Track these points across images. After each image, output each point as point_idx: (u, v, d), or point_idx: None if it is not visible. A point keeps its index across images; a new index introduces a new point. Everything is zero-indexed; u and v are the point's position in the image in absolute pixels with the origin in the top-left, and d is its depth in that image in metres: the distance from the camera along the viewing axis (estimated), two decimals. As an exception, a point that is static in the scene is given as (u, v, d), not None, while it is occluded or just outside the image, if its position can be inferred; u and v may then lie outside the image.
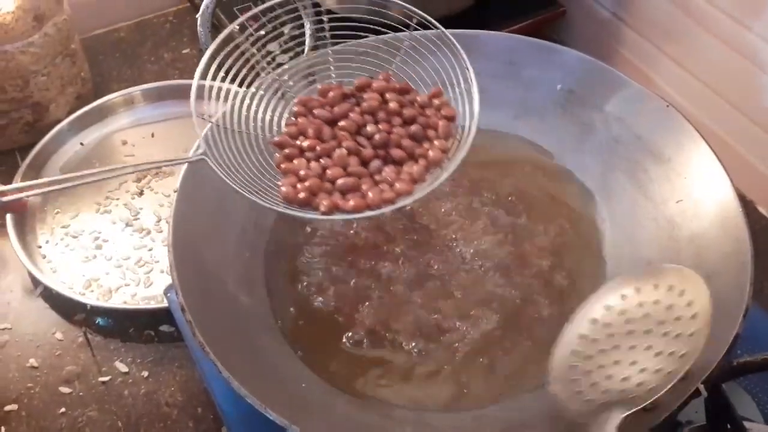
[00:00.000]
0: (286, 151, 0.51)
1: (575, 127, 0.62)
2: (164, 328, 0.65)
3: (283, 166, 0.51)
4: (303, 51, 0.63)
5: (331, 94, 0.53)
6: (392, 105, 0.52)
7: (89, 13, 0.91)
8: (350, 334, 0.53)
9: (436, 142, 0.51)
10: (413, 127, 0.51)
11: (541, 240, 0.58)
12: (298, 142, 0.52)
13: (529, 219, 0.59)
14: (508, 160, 0.63)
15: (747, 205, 0.75)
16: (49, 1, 0.75)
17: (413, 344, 0.53)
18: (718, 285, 0.49)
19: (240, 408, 0.51)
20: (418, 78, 0.54)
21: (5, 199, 0.46)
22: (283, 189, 0.49)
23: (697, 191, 0.54)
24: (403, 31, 0.57)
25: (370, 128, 0.51)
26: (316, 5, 0.65)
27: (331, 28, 0.60)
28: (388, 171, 0.50)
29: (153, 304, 0.66)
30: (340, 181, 0.49)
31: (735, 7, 0.69)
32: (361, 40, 0.58)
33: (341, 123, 0.52)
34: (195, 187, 0.54)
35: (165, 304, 0.61)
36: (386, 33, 0.58)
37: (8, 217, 0.70)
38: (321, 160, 0.50)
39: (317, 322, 0.54)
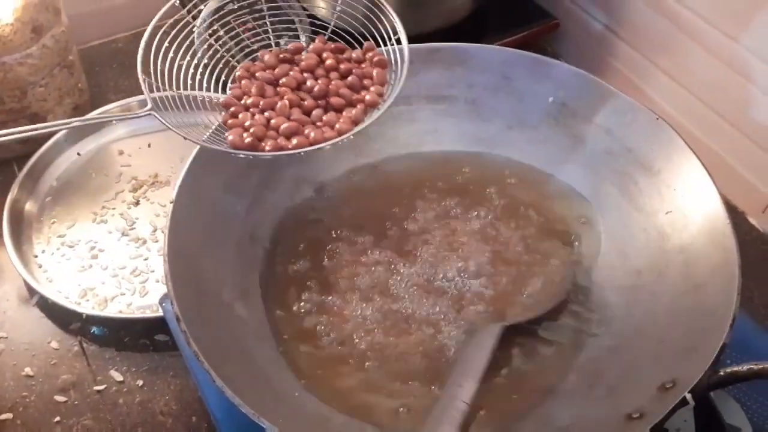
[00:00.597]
0: (232, 109, 0.56)
1: (567, 139, 0.62)
2: (159, 337, 0.66)
3: (229, 121, 0.55)
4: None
5: (268, 57, 0.58)
6: (329, 62, 0.57)
7: (87, 24, 0.91)
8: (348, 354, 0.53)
9: (372, 88, 0.56)
10: (350, 78, 0.56)
11: (527, 249, 0.59)
12: (242, 102, 0.56)
13: (517, 229, 0.60)
14: (496, 172, 0.64)
15: (738, 215, 0.76)
16: (48, 14, 0.75)
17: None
18: (707, 295, 0.50)
19: (233, 417, 0.52)
20: (354, 41, 0.59)
21: None
22: (230, 138, 0.53)
23: (687, 203, 0.55)
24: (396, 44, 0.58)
25: (309, 83, 0.56)
26: (311, 17, 0.66)
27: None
28: (330, 116, 0.54)
29: (148, 314, 0.66)
30: (283, 126, 0.53)
31: (723, 19, 0.70)
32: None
33: (282, 80, 0.56)
34: (191, 197, 0.55)
35: (160, 313, 0.62)
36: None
37: (5, 226, 0.71)
38: (265, 113, 0.55)
39: (311, 335, 0.55)
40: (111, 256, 0.71)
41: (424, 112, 0.65)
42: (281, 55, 0.59)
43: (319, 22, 0.61)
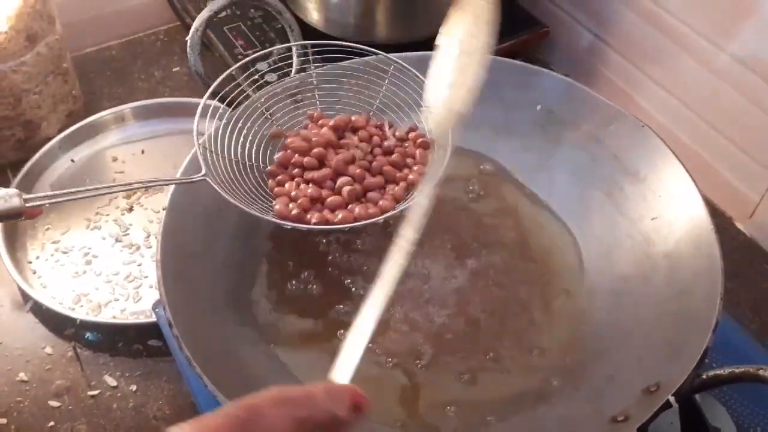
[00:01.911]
0: (279, 177, 0.57)
1: (554, 146, 0.63)
2: (153, 342, 0.66)
3: (276, 190, 0.56)
4: (291, 70, 0.65)
5: (322, 131, 0.59)
6: (375, 139, 0.59)
7: (81, 32, 0.92)
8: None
9: (414, 167, 0.57)
10: (393, 156, 0.58)
11: (518, 256, 0.60)
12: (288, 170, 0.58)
13: (505, 237, 0.61)
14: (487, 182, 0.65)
15: (725, 221, 0.77)
16: (42, 22, 0.76)
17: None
18: (691, 300, 0.51)
19: (226, 421, 0.52)
20: (395, 106, 0.61)
21: (28, 204, 0.50)
22: (277, 207, 0.54)
23: (672, 209, 0.56)
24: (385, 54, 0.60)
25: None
26: (303, 25, 0.67)
27: (318, 50, 0.62)
28: (373, 194, 0.56)
29: (142, 319, 0.67)
30: (330, 200, 0.55)
31: (709, 28, 0.71)
32: (344, 63, 0.61)
33: (336, 157, 0.57)
34: (184, 204, 0.56)
35: (153, 319, 0.62)
36: (370, 54, 0.60)
37: (-1, 233, 0.71)
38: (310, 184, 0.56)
39: (304, 339, 0.55)
40: (105, 262, 0.72)
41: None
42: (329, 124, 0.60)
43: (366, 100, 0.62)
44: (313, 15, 0.83)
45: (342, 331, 0.55)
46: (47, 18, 0.77)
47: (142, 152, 0.82)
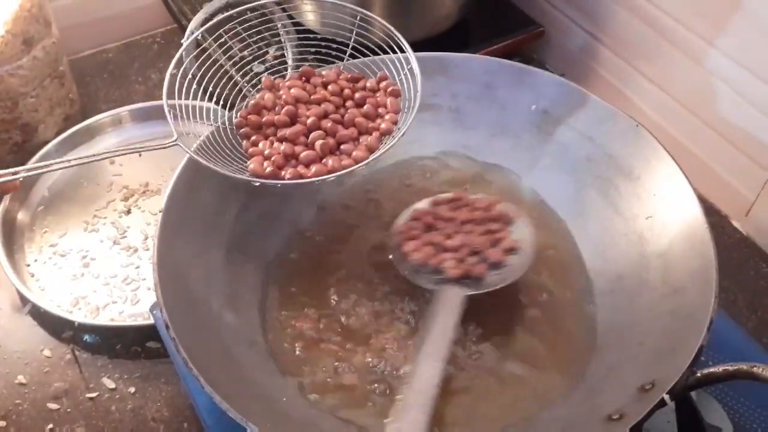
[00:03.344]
0: (253, 138, 0.58)
1: (550, 145, 0.64)
2: (151, 344, 0.67)
3: (250, 150, 0.57)
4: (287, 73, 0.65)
5: (289, 83, 0.60)
6: (346, 92, 0.59)
7: (78, 35, 0.92)
8: (336, 363, 0.54)
9: (387, 116, 0.57)
10: (365, 107, 0.58)
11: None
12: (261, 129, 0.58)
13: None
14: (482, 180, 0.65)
15: (721, 219, 0.77)
16: (38, 25, 0.76)
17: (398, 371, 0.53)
18: (686, 299, 0.51)
19: (223, 422, 0.52)
20: (369, 71, 0.61)
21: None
22: (251, 166, 0.55)
23: (666, 208, 0.56)
24: (383, 53, 0.60)
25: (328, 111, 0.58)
26: (297, 25, 0.67)
27: (313, 51, 0.63)
28: (347, 146, 0.56)
29: (140, 321, 0.67)
30: (303, 155, 0.55)
31: (702, 26, 0.71)
32: (339, 63, 0.61)
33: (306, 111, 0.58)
34: (180, 207, 0.56)
35: (151, 321, 0.63)
36: (366, 55, 0.61)
37: (-3, 236, 0.71)
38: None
39: (300, 341, 0.55)
40: (102, 264, 0.72)
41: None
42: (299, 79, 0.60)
43: (336, 46, 0.62)
44: (309, 16, 0.83)
45: (340, 329, 0.55)
46: (44, 21, 0.77)
47: (139, 155, 0.82)
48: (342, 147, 0.56)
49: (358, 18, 0.60)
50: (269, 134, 0.57)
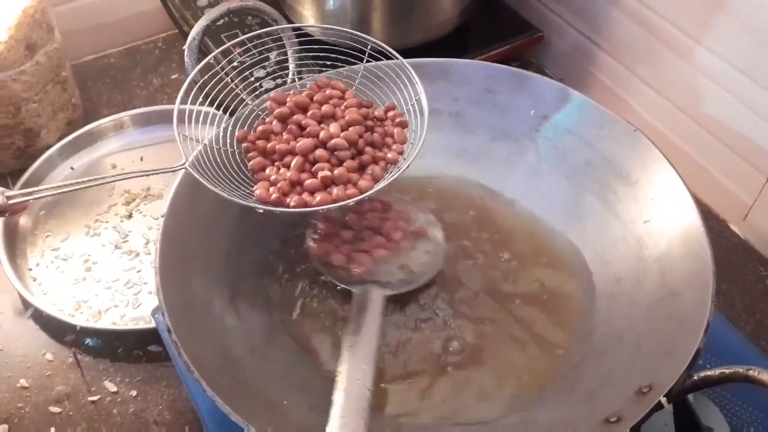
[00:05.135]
0: (258, 158, 0.57)
1: (549, 150, 0.64)
2: (152, 348, 0.67)
3: (256, 175, 0.57)
4: (288, 77, 0.65)
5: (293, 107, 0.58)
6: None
7: (80, 40, 0.93)
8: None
9: (393, 146, 0.57)
10: (374, 136, 0.58)
11: (517, 258, 0.60)
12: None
13: (501, 236, 0.62)
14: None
15: (719, 223, 0.78)
16: (41, 31, 0.77)
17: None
18: (683, 302, 0.51)
19: (224, 426, 0.53)
20: (377, 98, 0.61)
21: (11, 201, 0.52)
22: (257, 192, 0.54)
23: (664, 212, 0.56)
24: (385, 59, 0.60)
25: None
26: (298, 31, 0.67)
27: (314, 56, 0.63)
28: (352, 176, 0.55)
29: (141, 325, 0.67)
30: (308, 182, 0.55)
31: (698, 30, 0.72)
32: (338, 69, 0.61)
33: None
34: (182, 211, 0.56)
35: (153, 324, 0.63)
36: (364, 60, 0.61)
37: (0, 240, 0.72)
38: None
39: (304, 344, 0.56)
40: (104, 268, 0.72)
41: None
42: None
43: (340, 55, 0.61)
44: (310, 22, 0.83)
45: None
46: (46, 27, 0.78)
47: (141, 159, 0.82)
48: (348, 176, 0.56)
49: (369, 47, 0.60)
50: (276, 159, 0.57)
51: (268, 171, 0.56)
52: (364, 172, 0.56)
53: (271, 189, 0.54)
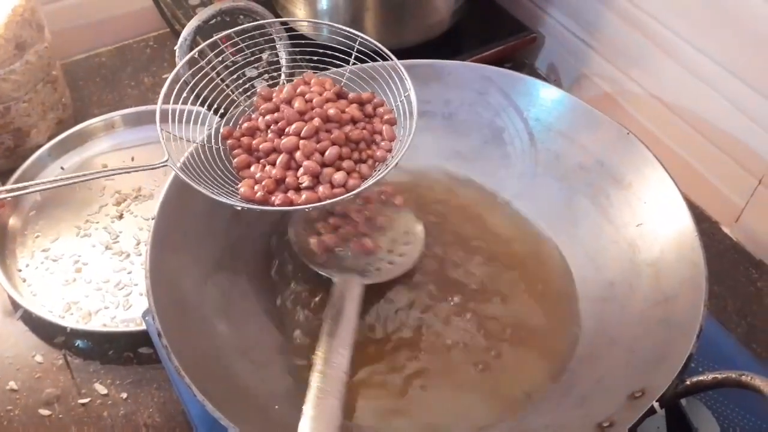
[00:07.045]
0: (243, 156, 0.56)
1: (542, 153, 0.64)
2: (143, 350, 0.67)
3: (241, 173, 0.56)
4: (280, 76, 0.65)
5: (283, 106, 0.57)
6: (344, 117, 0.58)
7: (70, 39, 0.92)
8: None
9: (382, 144, 0.57)
10: (363, 133, 0.57)
11: (507, 261, 0.60)
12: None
13: (494, 242, 0.62)
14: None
15: (712, 225, 0.78)
16: (31, 30, 0.76)
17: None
18: (675, 307, 0.51)
19: (215, 429, 0.52)
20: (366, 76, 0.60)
21: None
22: (242, 190, 0.54)
23: (656, 215, 0.56)
24: (379, 60, 0.59)
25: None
26: (290, 31, 0.67)
27: (308, 58, 0.63)
28: (339, 176, 0.54)
29: (132, 327, 0.67)
30: (293, 180, 0.54)
31: (691, 33, 0.72)
32: (334, 69, 0.61)
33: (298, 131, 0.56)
34: (173, 212, 0.56)
35: (143, 326, 0.63)
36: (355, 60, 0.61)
37: (-11, 241, 0.71)
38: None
39: (294, 348, 0.56)
40: (95, 269, 0.72)
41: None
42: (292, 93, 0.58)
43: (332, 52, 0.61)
44: (303, 22, 0.83)
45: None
46: (36, 26, 0.77)
47: (132, 159, 0.82)
48: (336, 175, 0.54)
49: (357, 42, 0.59)
50: (261, 157, 0.56)
51: (253, 168, 0.56)
52: (352, 170, 0.55)
53: (256, 187, 0.54)
